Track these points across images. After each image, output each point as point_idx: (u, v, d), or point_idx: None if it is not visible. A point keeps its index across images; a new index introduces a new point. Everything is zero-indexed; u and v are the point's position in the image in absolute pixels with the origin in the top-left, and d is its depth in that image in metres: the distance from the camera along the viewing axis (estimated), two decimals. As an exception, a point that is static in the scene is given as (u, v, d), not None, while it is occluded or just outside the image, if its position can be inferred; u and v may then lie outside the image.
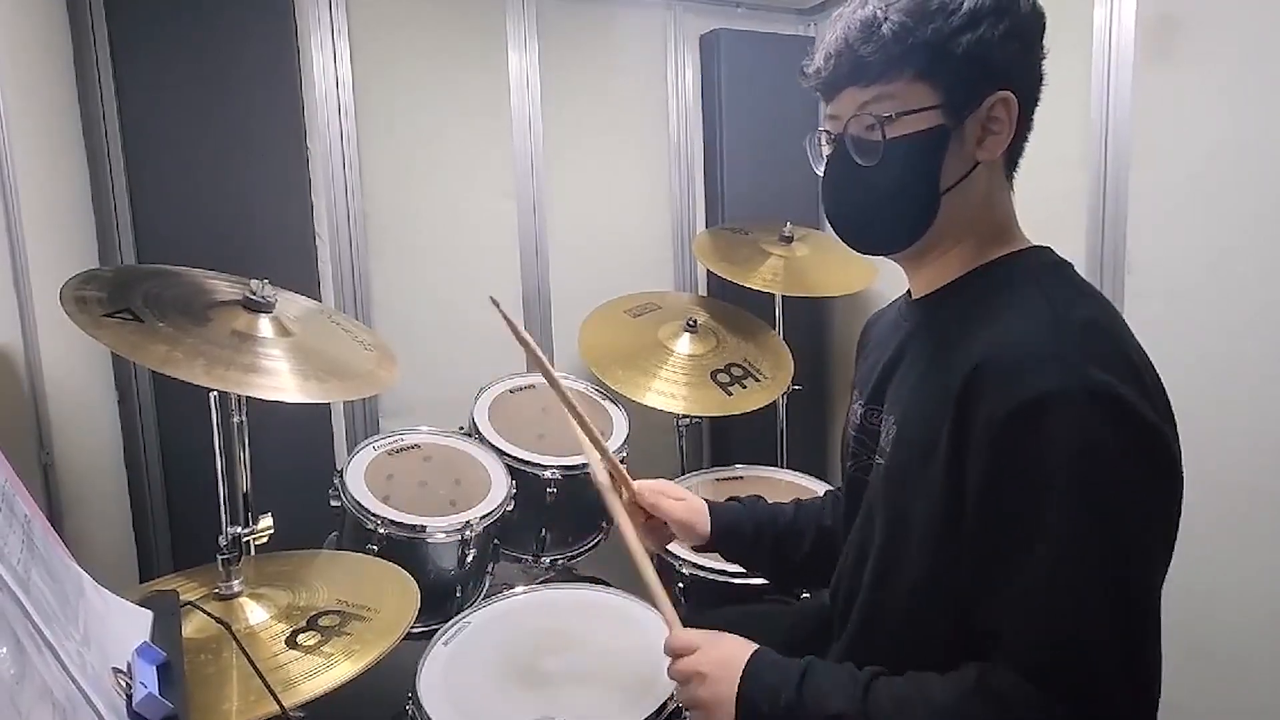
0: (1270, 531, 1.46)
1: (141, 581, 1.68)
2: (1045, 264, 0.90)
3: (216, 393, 1.21)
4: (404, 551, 1.50)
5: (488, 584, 1.71)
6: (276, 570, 1.28)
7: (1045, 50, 0.88)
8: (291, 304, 1.41)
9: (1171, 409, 0.81)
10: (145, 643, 0.75)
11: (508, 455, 1.77)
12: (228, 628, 1.01)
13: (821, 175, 0.95)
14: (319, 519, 1.68)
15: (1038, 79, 0.89)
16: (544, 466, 1.76)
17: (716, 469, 1.99)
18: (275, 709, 0.93)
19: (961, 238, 0.90)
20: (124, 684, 0.68)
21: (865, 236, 0.95)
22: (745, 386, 2.00)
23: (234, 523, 1.26)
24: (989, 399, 0.77)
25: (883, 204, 0.90)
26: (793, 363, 2.12)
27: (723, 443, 2.53)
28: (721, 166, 2.45)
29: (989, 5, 0.83)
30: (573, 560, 1.87)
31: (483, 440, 1.79)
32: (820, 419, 2.67)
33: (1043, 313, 0.81)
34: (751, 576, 1.48)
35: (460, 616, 1.28)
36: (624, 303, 2.18)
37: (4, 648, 0.55)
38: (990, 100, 0.84)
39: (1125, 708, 0.74)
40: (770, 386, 2.04)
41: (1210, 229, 1.53)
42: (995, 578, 0.77)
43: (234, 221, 1.90)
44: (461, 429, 1.85)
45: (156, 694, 0.68)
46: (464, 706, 1.08)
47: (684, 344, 2.06)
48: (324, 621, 1.12)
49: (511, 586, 1.38)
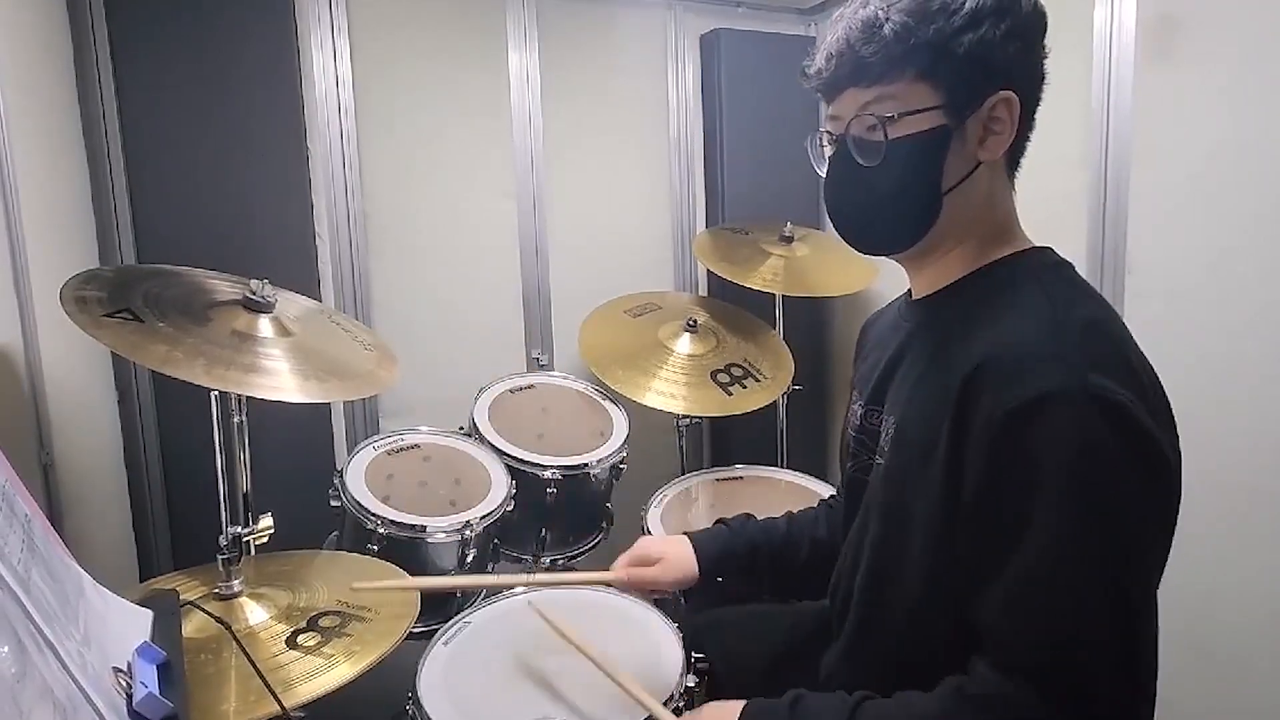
0: (1270, 531, 1.46)
1: (141, 581, 1.68)
2: (1046, 264, 0.90)
3: (216, 393, 1.21)
4: (404, 551, 1.50)
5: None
6: (276, 570, 1.28)
7: (1047, 50, 0.88)
8: (291, 304, 1.41)
9: (1170, 411, 0.81)
10: (145, 642, 0.76)
11: (508, 455, 1.77)
12: (228, 628, 1.01)
13: (823, 176, 0.96)
14: (319, 519, 1.68)
15: (1039, 79, 0.89)
16: (544, 466, 1.76)
17: (716, 469, 1.98)
18: (275, 709, 0.93)
19: (963, 238, 0.91)
20: (124, 683, 0.68)
21: (867, 237, 0.95)
22: (745, 386, 2.00)
23: (234, 522, 1.26)
24: (988, 399, 0.77)
25: (885, 204, 0.90)
26: (793, 363, 2.13)
27: (723, 443, 2.53)
28: (721, 166, 2.45)
29: (990, 5, 0.83)
30: (573, 560, 1.87)
31: (483, 440, 1.79)
32: (820, 419, 2.67)
33: (1043, 313, 0.81)
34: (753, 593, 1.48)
35: (460, 616, 1.28)
36: (624, 303, 2.18)
37: (5, 647, 0.55)
38: (992, 100, 0.85)
39: (1119, 707, 0.74)
40: (770, 386, 2.04)
41: (1210, 229, 1.53)
42: (991, 576, 0.78)
43: (234, 221, 1.90)
44: (461, 429, 1.85)
45: (156, 693, 0.68)
46: (464, 706, 1.08)
47: (684, 344, 2.06)
48: (324, 622, 1.13)
49: (511, 587, 1.38)
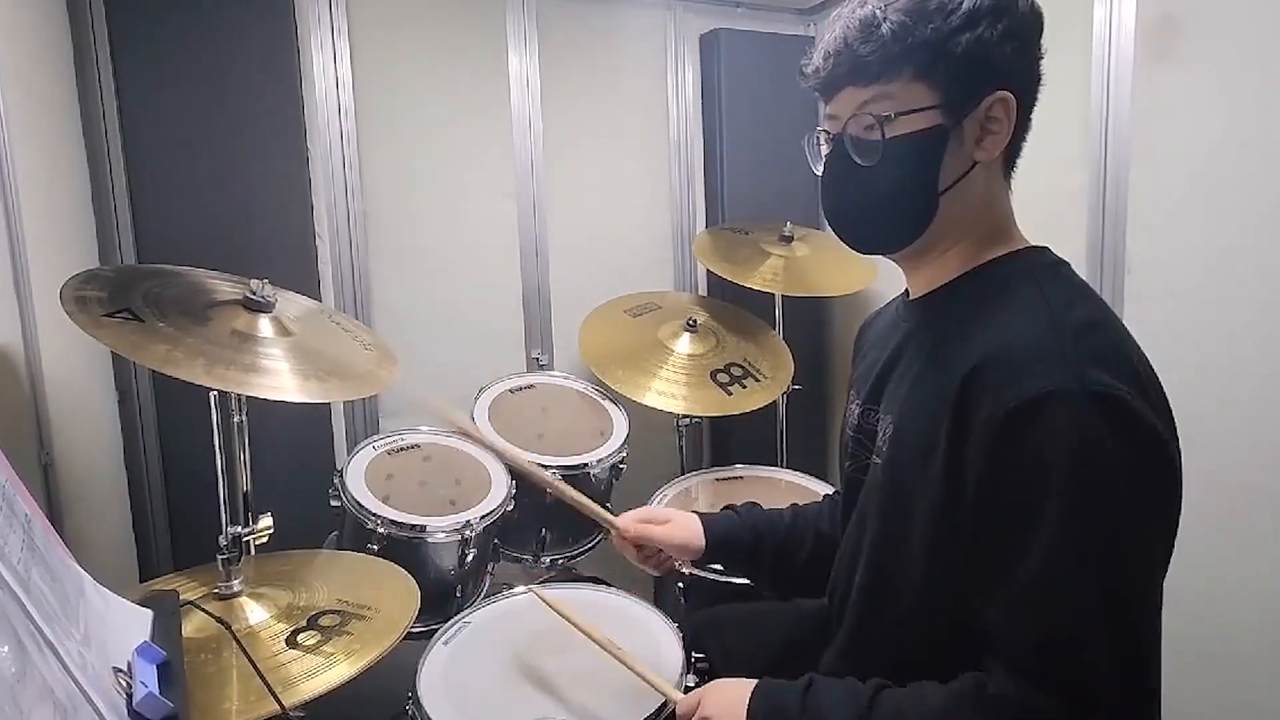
0: (1270, 531, 1.46)
1: (141, 581, 1.68)
2: (1043, 264, 0.90)
3: (216, 392, 1.21)
4: (404, 551, 1.50)
5: (488, 584, 1.71)
6: (276, 570, 1.28)
7: (1044, 50, 0.88)
8: (291, 304, 1.41)
9: (1170, 409, 0.81)
10: (145, 642, 0.76)
11: (508, 456, 1.76)
12: (228, 627, 1.01)
13: (820, 175, 0.96)
14: (319, 519, 1.68)
15: (1036, 79, 0.89)
16: (544, 466, 1.76)
17: (716, 469, 1.99)
18: (275, 708, 0.93)
19: (960, 238, 0.91)
20: (124, 683, 0.68)
21: (864, 236, 0.95)
22: (745, 386, 2.00)
23: (234, 522, 1.26)
24: (988, 399, 0.77)
25: (881, 203, 0.90)
26: (793, 363, 2.13)
27: (723, 443, 2.53)
28: (721, 166, 2.45)
29: (987, 5, 0.83)
30: (573, 560, 1.87)
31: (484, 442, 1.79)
32: (820, 419, 2.67)
33: (1041, 313, 0.81)
34: (754, 585, 1.47)
35: (460, 616, 1.28)
36: (624, 303, 2.18)
37: (5, 647, 0.55)
38: (989, 100, 0.84)
39: (1122, 708, 0.74)
40: (770, 386, 2.04)
41: (1210, 229, 1.53)
42: (992, 577, 0.78)
43: (234, 221, 1.90)
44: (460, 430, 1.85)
45: (156, 693, 0.68)
46: (464, 706, 1.08)
47: (684, 344, 2.06)
48: (324, 621, 1.12)
49: (511, 586, 1.38)
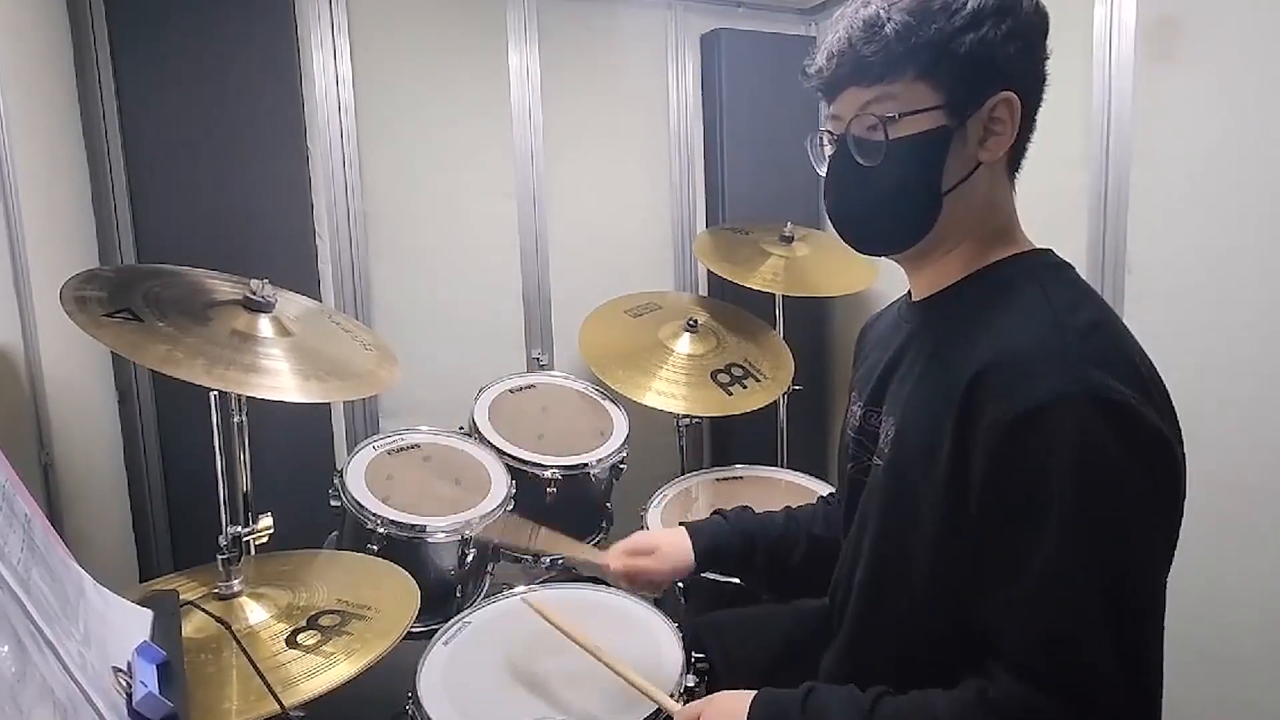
0: (1270, 532, 1.46)
1: (141, 581, 1.68)
2: (1047, 266, 0.89)
3: (216, 392, 1.21)
4: (404, 551, 1.50)
5: (488, 584, 1.71)
6: (276, 570, 1.28)
7: (1049, 50, 0.88)
8: (291, 304, 1.41)
9: (1174, 410, 0.81)
10: (145, 642, 0.76)
11: (508, 455, 1.77)
12: (228, 627, 1.01)
13: (823, 175, 0.95)
14: (319, 519, 1.68)
15: (1041, 79, 0.88)
16: (544, 466, 1.76)
17: (716, 469, 1.98)
18: (275, 708, 0.93)
19: (963, 239, 0.90)
20: (124, 683, 0.68)
21: (867, 237, 0.95)
22: (745, 386, 2.00)
23: (234, 522, 1.26)
24: (993, 403, 0.77)
25: (885, 204, 0.89)
26: (793, 363, 2.12)
27: (723, 443, 2.53)
28: (722, 166, 2.45)
29: (992, 5, 0.82)
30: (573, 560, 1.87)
31: (483, 440, 1.79)
32: (820, 419, 2.67)
33: (1045, 316, 0.81)
34: (749, 587, 1.47)
35: (460, 616, 1.28)
36: (624, 302, 2.18)
37: (5, 646, 0.55)
38: (993, 101, 0.84)
39: (1124, 709, 0.74)
40: (770, 386, 2.03)
41: (1210, 229, 1.53)
42: (995, 579, 0.78)
43: (234, 221, 1.90)
44: (461, 429, 1.85)
45: (156, 693, 0.68)
46: (464, 706, 1.08)
47: (684, 344, 2.06)
48: (324, 621, 1.13)
49: (511, 586, 1.38)
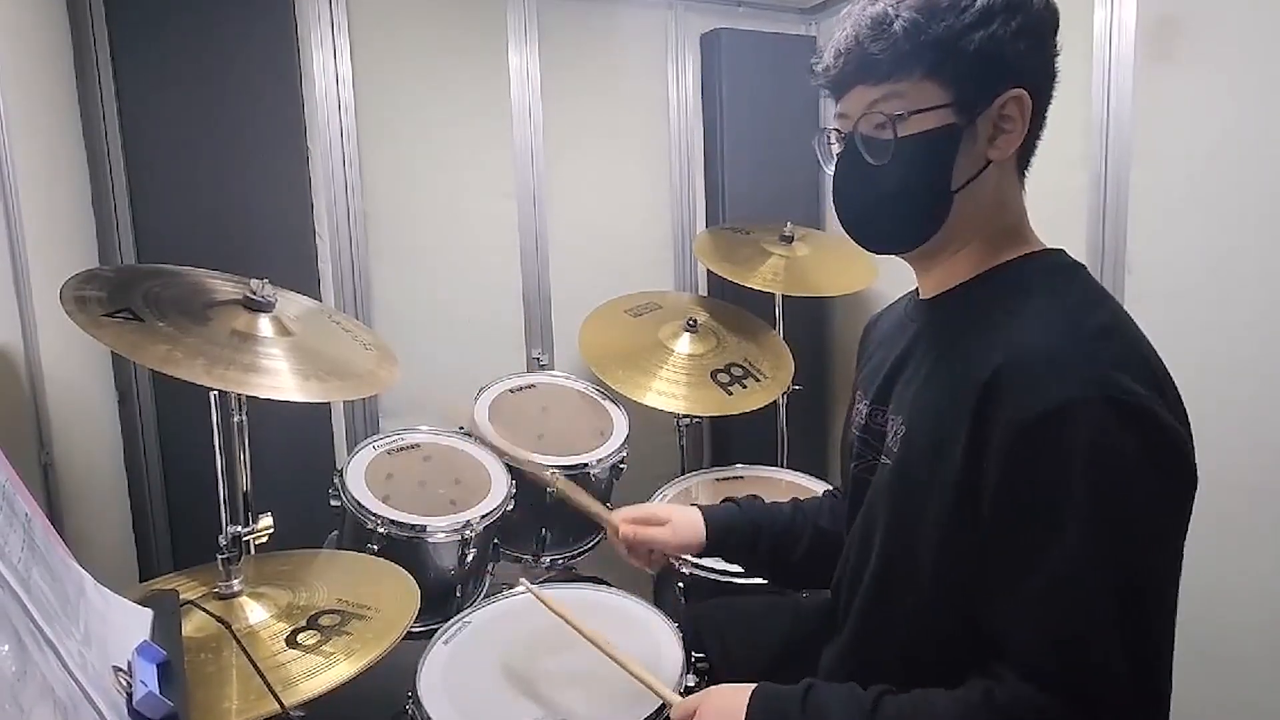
0: (1271, 532, 1.46)
1: (141, 581, 1.68)
2: (1061, 266, 0.89)
3: (216, 392, 1.21)
4: (404, 551, 1.50)
5: (488, 584, 1.71)
6: (276, 570, 1.28)
7: (1058, 47, 0.87)
8: (291, 303, 1.41)
9: (1185, 410, 0.81)
10: (145, 641, 0.75)
11: (508, 455, 1.76)
12: (228, 627, 1.01)
13: (832, 174, 0.94)
14: (319, 519, 1.68)
15: (1050, 76, 0.88)
16: (544, 466, 1.76)
17: (716, 469, 1.98)
18: (275, 708, 0.93)
19: (973, 237, 0.90)
20: (124, 682, 0.68)
21: (876, 236, 0.94)
22: (745, 386, 2.00)
23: (234, 522, 1.26)
24: (1010, 403, 0.76)
25: (894, 203, 0.89)
26: (793, 363, 2.12)
27: (723, 443, 2.53)
28: (722, 166, 2.45)
29: (1001, 2, 0.82)
30: (573, 560, 1.87)
31: (482, 440, 1.79)
32: (820, 419, 2.67)
33: (1060, 317, 0.81)
34: (751, 576, 1.47)
35: (460, 616, 1.28)
36: (624, 302, 2.18)
37: (6, 646, 0.55)
38: (1002, 98, 0.84)
39: (1132, 712, 0.73)
40: (770, 386, 2.03)
41: (1210, 229, 1.53)
42: (1006, 579, 0.77)
43: (234, 221, 1.90)
44: (461, 429, 1.85)
45: (157, 692, 0.68)
46: (464, 706, 1.08)
47: (684, 344, 2.06)
48: (324, 621, 1.12)
49: (512, 586, 1.38)
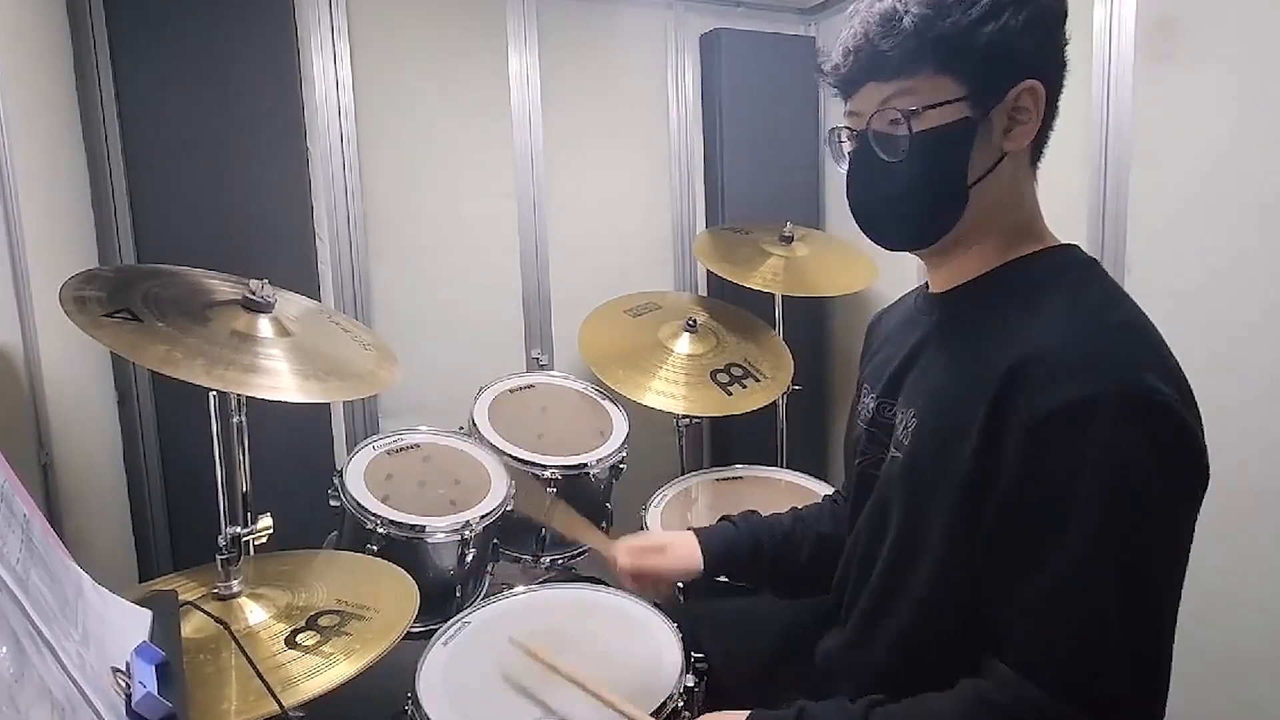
0: (1271, 532, 1.46)
1: (141, 581, 1.68)
2: (1077, 262, 0.89)
3: (216, 393, 1.21)
4: (404, 551, 1.50)
5: (487, 584, 1.71)
6: (276, 570, 1.28)
7: (1068, 37, 0.87)
8: (291, 304, 1.41)
9: (1199, 411, 0.80)
10: (144, 642, 0.75)
11: (507, 455, 1.77)
12: (227, 627, 1.01)
13: (845, 173, 0.94)
14: (319, 519, 1.68)
15: (1061, 66, 0.87)
16: (544, 466, 1.76)
17: (716, 469, 1.98)
18: (274, 708, 0.93)
19: (988, 232, 0.89)
20: (123, 683, 0.68)
21: (892, 233, 0.94)
22: (745, 386, 2.00)
23: (233, 522, 1.26)
24: (1029, 398, 0.76)
25: (910, 199, 0.88)
26: (793, 363, 2.12)
27: (723, 443, 2.53)
28: (721, 166, 2.45)
29: None
30: (572, 560, 1.87)
31: (483, 440, 1.79)
32: (820, 419, 2.67)
33: (1082, 313, 0.81)
34: (759, 590, 1.47)
35: (460, 616, 1.28)
36: (624, 302, 2.18)
37: (3, 647, 0.55)
38: (1016, 90, 0.83)
39: (1130, 714, 0.73)
40: (770, 386, 2.03)
41: (1210, 229, 1.53)
42: (1013, 576, 0.77)
43: (234, 222, 1.90)
44: (461, 429, 1.85)
45: (155, 693, 0.68)
46: (463, 706, 1.08)
47: (684, 344, 2.06)
48: (323, 621, 1.12)
49: (511, 586, 1.38)
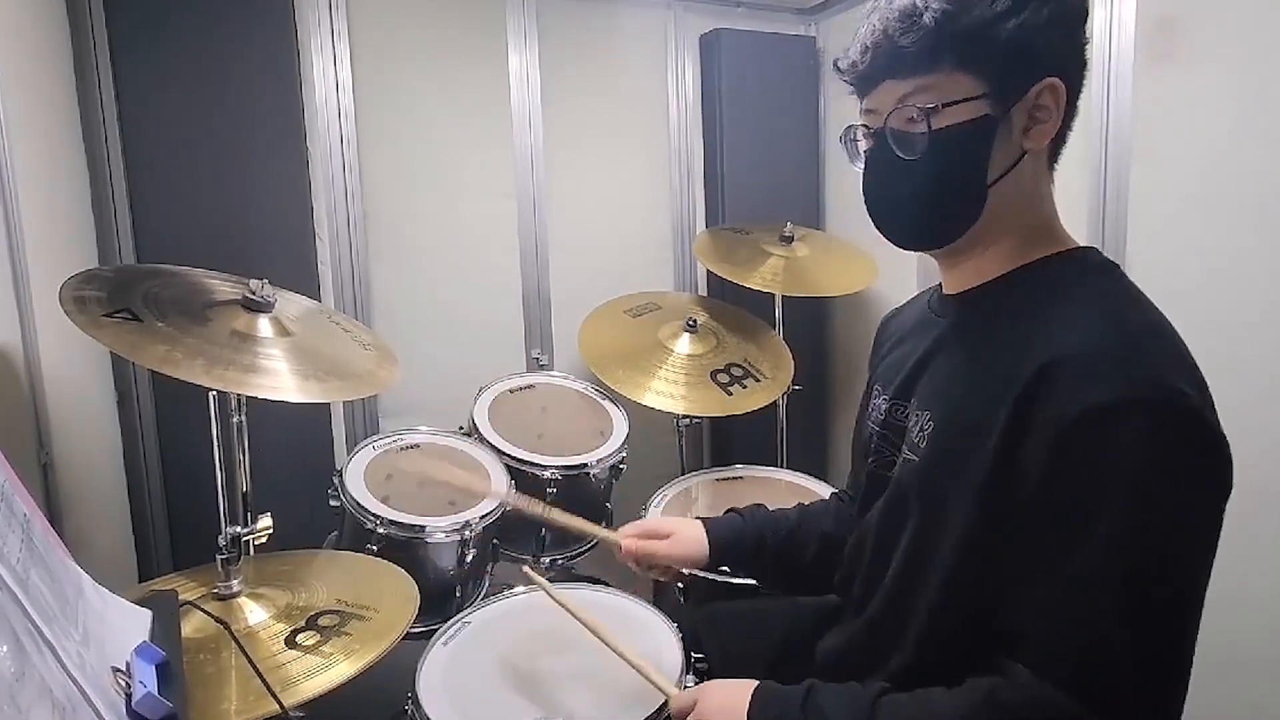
0: (1272, 532, 1.46)
1: (141, 581, 1.68)
2: (1098, 265, 0.88)
3: (216, 393, 1.21)
4: (403, 551, 1.50)
5: (487, 584, 1.71)
6: (276, 570, 1.28)
7: (1088, 36, 0.86)
8: (291, 304, 1.41)
9: (1218, 415, 0.79)
10: (144, 642, 0.75)
11: (507, 455, 1.77)
12: (227, 627, 1.01)
13: (861, 171, 0.93)
14: (319, 519, 1.68)
15: (1082, 64, 0.86)
16: (544, 466, 1.76)
17: (716, 469, 1.98)
18: (274, 708, 0.93)
19: (1007, 231, 0.88)
20: (123, 683, 0.68)
21: (909, 232, 0.93)
22: (745, 386, 2.00)
23: (233, 522, 1.26)
24: (1057, 399, 0.75)
25: (928, 198, 0.87)
26: (793, 363, 2.12)
27: (723, 443, 2.53)
28: (721, 166, 2.45)
29: None
30: (573, 560, 1.87)
31: (482, 440, 1.79)
32: (820, 419, 2.66)
33: (1109, 315, 0.80)
34: (762, 585, 1.47)
35: (460, 616, 1.28)
36: (624, 303, 2.18)
37: (4, 647, 0.55)
38: (1037, 88, 0.82)
39: (1147, 716, 0.73)
40: (770, 386, 2.03)
41: (1210, 229, 1.53)
42: (1035, 574, 0.76)
43: (233, 222, 1.90)
44: (461, 429, 1.85)
45: (155, 693, 0.68)
46: (463, 707, 1.08)
47: (684, 344, 2.06)
48: (323, 621, 1.12)
49: (511, 586, 1.38)
